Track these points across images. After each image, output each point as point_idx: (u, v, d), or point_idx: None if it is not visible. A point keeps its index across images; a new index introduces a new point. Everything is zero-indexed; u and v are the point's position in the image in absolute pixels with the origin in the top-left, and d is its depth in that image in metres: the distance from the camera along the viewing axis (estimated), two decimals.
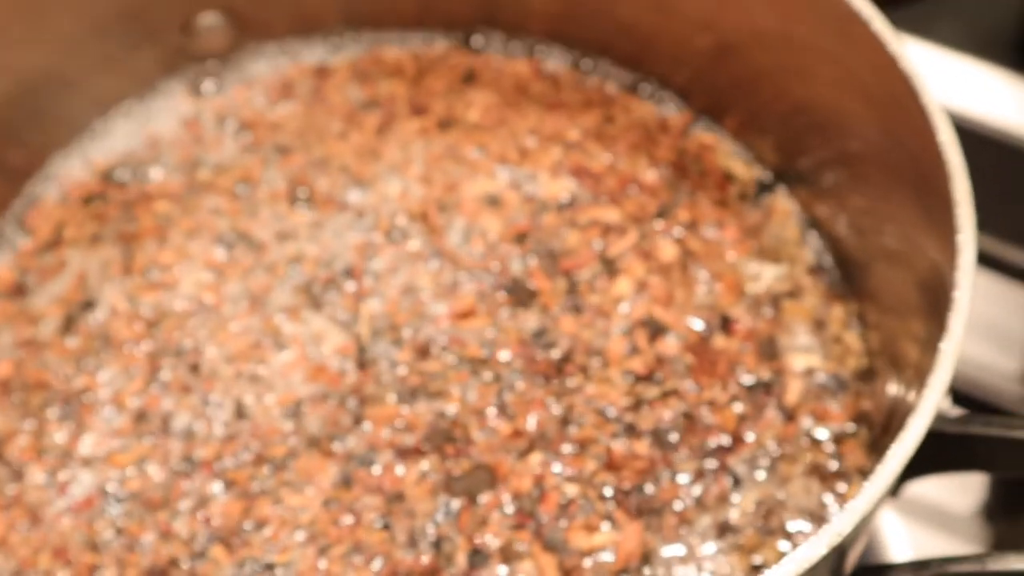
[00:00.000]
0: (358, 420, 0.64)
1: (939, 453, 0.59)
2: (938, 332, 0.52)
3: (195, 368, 0.66)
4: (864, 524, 0.49)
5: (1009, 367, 0.83)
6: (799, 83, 0.69)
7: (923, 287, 0.61)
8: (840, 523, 0.46)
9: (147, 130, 0.76)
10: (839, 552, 0.48)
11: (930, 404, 0.50)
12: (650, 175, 0.74)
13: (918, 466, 0.59)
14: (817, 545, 0.46)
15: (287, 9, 0.78)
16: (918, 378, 0.60)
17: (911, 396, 0.60)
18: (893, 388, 0.63)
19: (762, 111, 0.73)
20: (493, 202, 0.72)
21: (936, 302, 0.57)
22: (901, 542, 0.74)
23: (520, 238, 0.71)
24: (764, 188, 0.73)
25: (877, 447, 0.64)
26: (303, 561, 0.60)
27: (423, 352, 0.66)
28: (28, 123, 0.72)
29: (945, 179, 0.56)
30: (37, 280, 0.70)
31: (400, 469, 0.62)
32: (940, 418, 0.58)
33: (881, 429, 0.63)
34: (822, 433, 0.64)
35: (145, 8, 0.73)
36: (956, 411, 0.56)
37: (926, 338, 0.61)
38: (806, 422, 0.65)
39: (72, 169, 0.75)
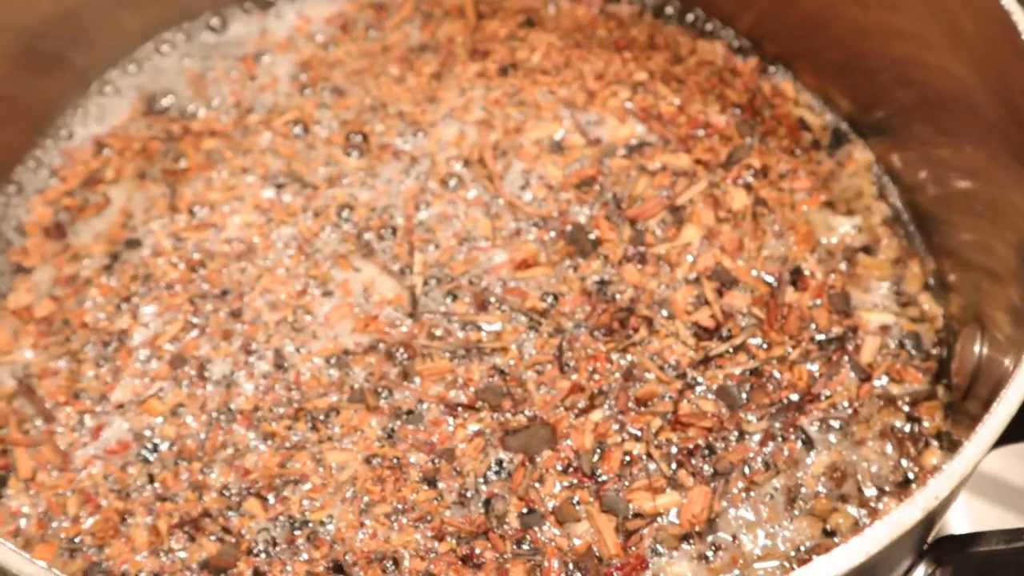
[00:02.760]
0: (407, 375, 0.59)
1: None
2: None
3: (237, 313, 0.61)
4: (957, 490, 0.44)
5: None
6: (876, 17, 0.63)
7: (1021, 249, 0.55)
8: (937, 486, 0.42)
9: (196, 65, 0.71)
10: (930, 518, 0.43)
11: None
12: (720, 119, 0.68)
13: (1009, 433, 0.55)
14: (912, 509, 0.41)
15: None
16: (1014, 346, 0.55)
17: (1007, 362, 0.55)
18: (979, 352, 0.57)
19: (835, 52, 0.67)
20: (556, 147, 0.67)
21: None
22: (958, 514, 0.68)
23: (584, 184, 0.65)
24: (839, 136, 0.68)
25: (957, 411, 0.58)
26: (342, 519, 0.55)
27: (480, 303, 0.61)
28: (72, 46, 0.68)
29: None
30: (78, 216, 0.65)
31: (451, 425, 0.57)
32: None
33: (963, 393, 0.58)
34: (899, 393, 0.59)
35: None
36: None
37: (1013, 305, 0.55)
38: (882, 382, 0.59)
39: (116, 100, 0.70)
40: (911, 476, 0.57)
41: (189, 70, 0.71)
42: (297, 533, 0.55)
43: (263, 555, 0.54)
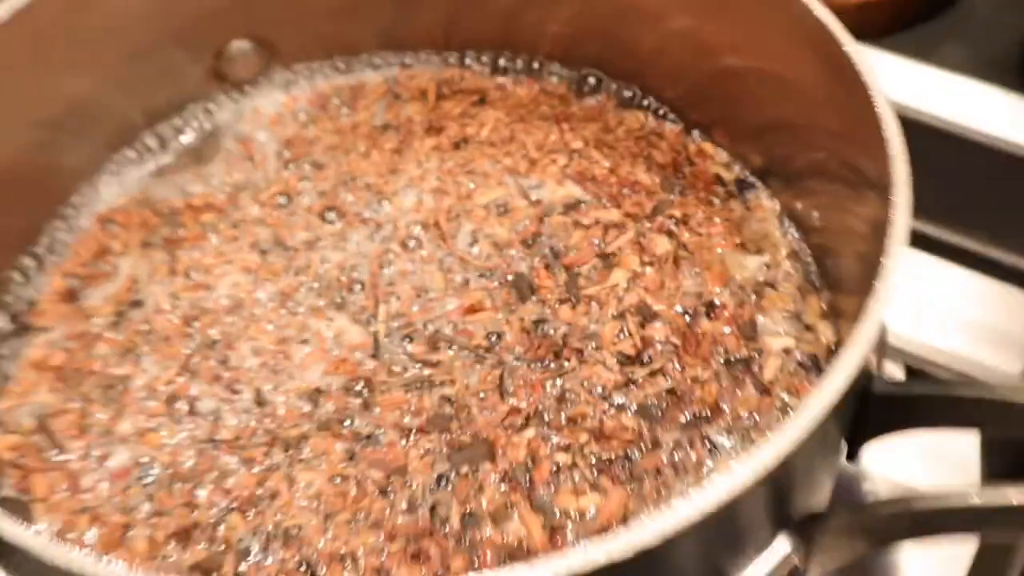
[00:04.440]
0: (368, 406, 0.67)
1: (888, 415, 0.61)
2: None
3: (224, 360, 0.69)
4: (782, 475, 0.50)
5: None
6: (777, 101, 0.72)
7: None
8: (738, 475, 0.47)
9: (190, 151, 0.81)
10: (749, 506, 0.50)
11: (854, 357, 0.51)
12: (647, 178, 0.76)
13: (871, 428, 0.62)
14: (694, 506, 0.46)
15: (319, 35, 0.83)
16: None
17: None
18: None
19: (746, 123, 0.75)
20: (502, 209, 0.75)
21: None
22: None
23: (526, 241, 0.73)
24: (748, 187, 0.76)
25: None
26: (309, 527, 0.63)
27: (432, 345, 0.69)
28: (70, 146, 0.76)
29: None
30: (89, 284, 0.74)
31: (403, 446, 0.65)
32: (888, 383, 0.61)
33: None
34: (795, 406, 0.66)
35: (178, 38, 0.78)
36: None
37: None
38: (781, 396, 0.67)
39: (122, 181, 0.79)
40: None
41: (188, 152, 0.81)
42: (272, 540, 0.63)
43: (244, 558, 0.62)
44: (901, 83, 0.93)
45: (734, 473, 0.47)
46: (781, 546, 0.57)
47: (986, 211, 0.92)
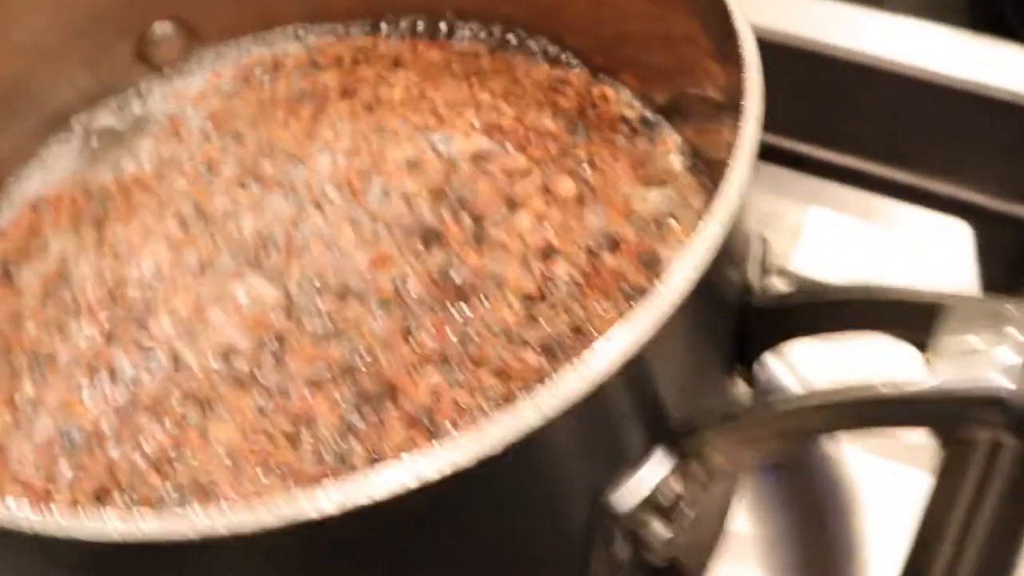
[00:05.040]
0: (279, 361, 0.68)
1: (773, 327, 0.62)
2: None
3: (143, 325, 0.71)
4: (641, 379, 0.51)
5: None
6: (670, 45, 0.72)
7: None
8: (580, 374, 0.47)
9: (119, 132, 0.82)
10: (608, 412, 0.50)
11: (695, 256, 0.50)
12: (552, 124, 0.77)
13: (759, 341, 0.62)
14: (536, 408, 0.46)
15: (240, 12, 0.84)
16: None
17: None
18: None
19: (647, 66, 0.76)
20: (413, 165, 0.76)
21: None
22: None
23: (436, 192, 0.74)
24: (651, 125, 0.76)
25: None
26: (224, 481, 0.64)
27: (342, 297, 0.70)
28: (14, 115, 0.78)
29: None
30: (22, 264, 0.76)
31: (312, 397, 0.67)
32: (769, 296, 0.61)
33: None
34: None
35: (100, 22, 0.80)
36: None
37: None
38: None
39: (55, 163, 0.81)
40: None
41: (117, 133, 0.82)
42: (186, 492, 0.64)
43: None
44: (855, 31, 0.94)
45: (577, 372, 0.46)
46: (661, 461, 0.57)
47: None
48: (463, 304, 0.69)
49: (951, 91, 0.90)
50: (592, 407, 0.47)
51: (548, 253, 0.71)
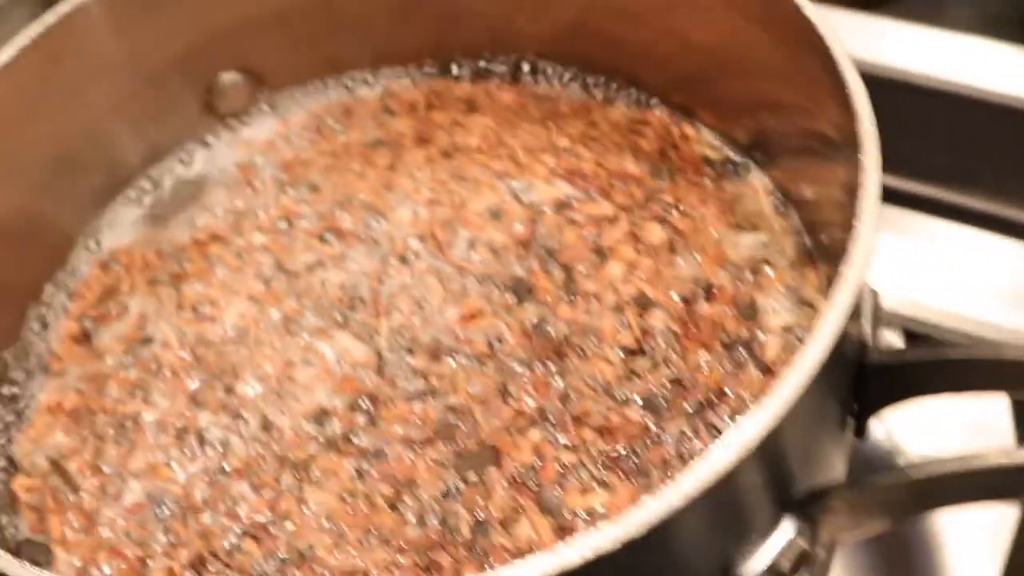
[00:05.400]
0: (373, 421, 0.66)
1: (889, 386, 0.60)
2: None
3: (230, 389, 0.69)
4: (773, 451, 0.49)
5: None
6: (754, 78, 0.71)
7: None
8: (720, 455, 0.46)
9: (191, 183, 0.80)
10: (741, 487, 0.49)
11: (829, 325, 0.49)
12: (634, 167, 0.75)
13: (873, 401, 0.60)
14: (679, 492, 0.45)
15: (308, 58, 0.82)
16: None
17: None
18: None
19: (729, 103, 0.74)
20: (496, 214, 0.74)
21: None
22: None
23: (521, 243, 0.72)
24: (737, 166, 0.74)
25: None
26: (322, 547, 0.62)
27: (434, 355, 0.68)
28: (68, 195, 0.76)
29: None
30: (101, 324, 0.74)
31: (410, 458, 0.65)
32: (884, 353, 0.59)
33: None
34: None
35: (163, 78, 0.78)
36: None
37: None
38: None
39: (125, 218, 0.80)
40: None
41: (189, 184, 0.80)
42: (286, 563, 0.62)
43: None
44: (909, 49, 0.91)
45: (716, 453, 0.46)
46: (787, 529, 0.55)
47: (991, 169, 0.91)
48: (560, 359, 0.67)
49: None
50: (727, 483, 0.46)
51: (643, 303, 0.69)
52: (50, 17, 0.71)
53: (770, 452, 0.49)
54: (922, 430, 0.73)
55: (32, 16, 0.72)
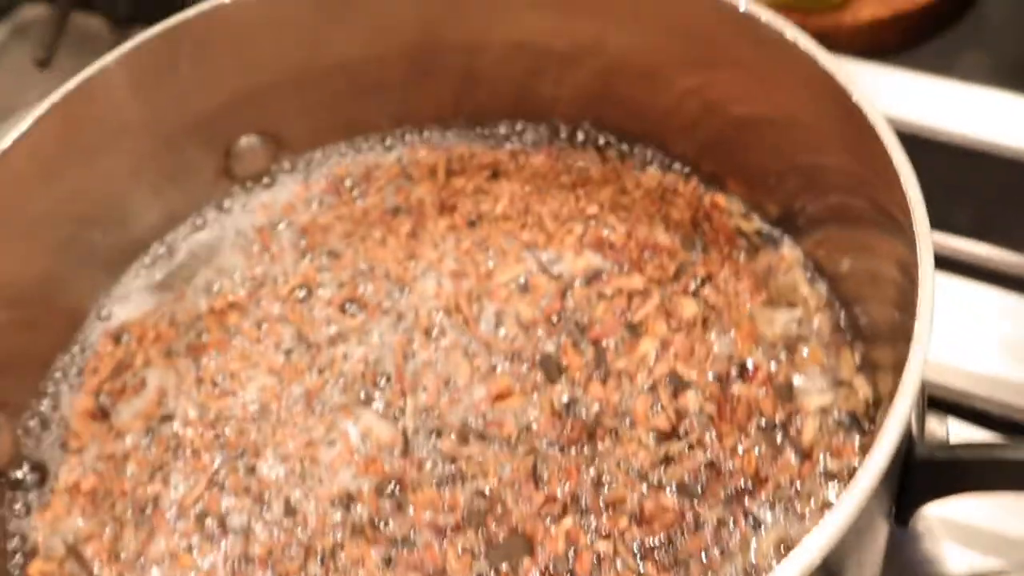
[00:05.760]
0: (401, 507, 0.64)
1: (936, 481, 0.58)
2: None
3: (252, 469, 0.67)
4: (844, 550, 0.47)
5: None
6: (786, 146, 0.69)
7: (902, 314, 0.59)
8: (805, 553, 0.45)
9: (206, 249, 0.78)
10: None
11: (896, 423, 0.48)
12: (666, 238, 0.73)
13: (918, 496, 0.58)
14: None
15: (326, 120, 0.80)
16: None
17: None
18: None
19: (760, 171, 0.72)
20: (523, 287, 0.72)
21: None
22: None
23: (551, 318, 0.70)
24: (769, 238, 0.72)
25: None
26: None
27: (463, 437, 0.66)
28: (82, 263, 0.74)
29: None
30: (119, 400, 0.72)
31: (440, 546, 0.62)
32: (933, 447, 0.57)
33: None
34: (837, 469, 0.63)
35: (181, 143, 0.76)
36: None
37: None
38: (822, 459, 0.63)
39: (140, 284, 0.77)
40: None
41: (205, 249, 0.78)
42: None
43: None
44: (920, 101, 0.89)
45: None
46: None
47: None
48: (592, 441, 0.65)
49: None
50: None
51: (676, 383, 0.67)
52: (71, 83, 0.69)
53: (826, 563, 0.47)
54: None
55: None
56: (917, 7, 0.95)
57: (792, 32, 0.62)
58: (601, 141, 0.79)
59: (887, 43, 0.93)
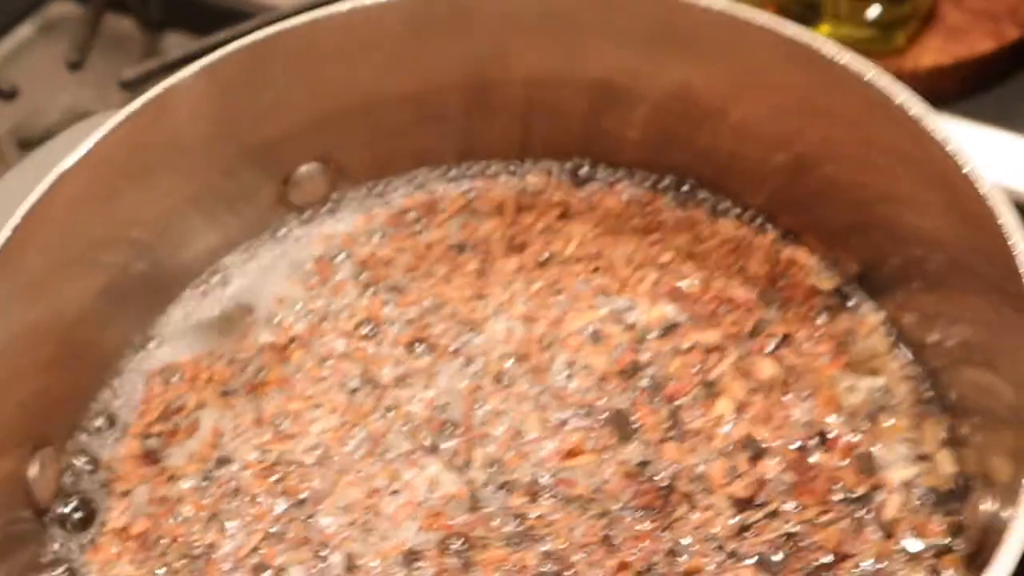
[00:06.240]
0: (467, 565, 0.62)
1: None
2: None
3: (312, 519, 0.64)
4: None
5: None
6: (871, 200, 0.67)
7: (1012, 392, 0.57)
8: None
9: (261, 279, 0.75)
10: None
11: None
12: (742, 293, 0.70)
13: None
14: None
15: (389, 150, 0.77)
16: (1010, 494, 0.56)
17: (1005, 513, 0.56)
18: (987, 504, 0.59)
19: (840, 226, 0.70)
20: (595, 336, 0.69)
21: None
22: None
23: (624, 371, 0.68)
24: (848, 298, 0.70)
25: (975, 563, 0.60)
26: None
27: (532, 495, 0.64)
28: (133, 292, 0.72)
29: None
30: (170, 442, 0.69)
31: None
32: None
33: (976, 545, 0.59)
34: (921, 548, 0.60)
35: (242, 168, 0.73)
36: None
37: (1016, 449, 0.57)
38: (905, 537, 0.61)
39: (188, 330, 0.74)
40: None
41: (260, 279, 0.75)
42: None
43: None
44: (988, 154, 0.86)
45: None
46: None
47: None
48: (666, 506, 0.63)
49: None
50: None
51: (754, 448, 0.64)
52: (146, 96, 0.66)
53: None
54: None
55: None
56: (978, 56, 0.92)
57: (903, 96, 0.60)
58: (675, 186, 0.76)
59: (945, 91, 0.90)
